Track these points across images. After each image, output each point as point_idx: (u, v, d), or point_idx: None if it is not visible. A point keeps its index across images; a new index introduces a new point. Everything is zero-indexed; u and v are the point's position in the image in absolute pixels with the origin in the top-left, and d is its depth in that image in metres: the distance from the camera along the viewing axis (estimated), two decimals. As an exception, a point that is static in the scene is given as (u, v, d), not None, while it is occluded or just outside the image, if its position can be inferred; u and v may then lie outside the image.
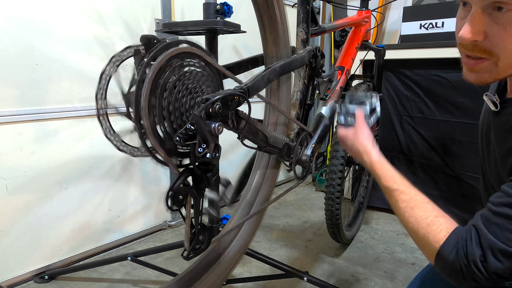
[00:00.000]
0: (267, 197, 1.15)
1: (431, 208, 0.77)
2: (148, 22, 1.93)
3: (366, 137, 1.04)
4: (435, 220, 0.73)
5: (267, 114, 1.18)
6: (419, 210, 0.77)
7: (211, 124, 0.66)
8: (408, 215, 0.78)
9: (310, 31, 1.30)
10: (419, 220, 0.75)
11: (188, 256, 0.73)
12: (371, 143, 1.02)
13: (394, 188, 0.85)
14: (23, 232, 1.59)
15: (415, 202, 0.79)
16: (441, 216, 0.75)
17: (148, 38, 0.69)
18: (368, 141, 1.02)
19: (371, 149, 1.00)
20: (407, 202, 0.80)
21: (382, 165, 0.93)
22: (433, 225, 0.73)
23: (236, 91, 0.76)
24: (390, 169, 0.91)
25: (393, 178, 0.87)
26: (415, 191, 0.82)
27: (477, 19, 0.68)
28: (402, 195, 0.82)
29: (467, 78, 0.78)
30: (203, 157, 0.65)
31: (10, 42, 1.45)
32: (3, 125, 1.48)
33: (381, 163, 0.94)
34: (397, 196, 0.83)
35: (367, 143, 1.02)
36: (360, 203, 2.29)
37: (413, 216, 0.77)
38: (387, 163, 0.94)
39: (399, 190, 0.84)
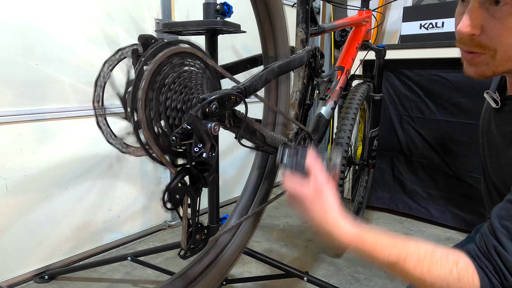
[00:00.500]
0: (266, 196, 1.15)
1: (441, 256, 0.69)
2: (148, 22, 1.93)
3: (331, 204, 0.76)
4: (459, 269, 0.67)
5: (265, 114, 1.18)
6: (437, 267, 0.68)
7: (207, 124, 0.67)
8: (430, 280, 0.68)
9: (309, 31, 1.30)
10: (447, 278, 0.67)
11: (185, 255, 0.73)
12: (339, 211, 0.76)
13: (394, 259, 0.70)
14: (23, 232, 1.59)
15: (425, 261, 0.69)
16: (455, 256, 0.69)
17: (146, 38, 0.69)
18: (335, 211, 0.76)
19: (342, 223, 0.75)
20: (419, 266, 0.69)
21: (363, 240, 0.74)
22: (462, 277, 0.67)
23: (233, 91, 0.76)
24: (373, 238, 0.74)
25: (385, 248, 0.72)
26: (413, 247, 0.71)
27: (474, 13, 0.69)
28: (408, 263, 0.69)
29: (467, 72, 0.78)
30: (200, 157, 0.65)
31: (10, 42, 1.45)
32: (3, 125, 1.48)
33: (360, 236, 0.74)
34: (404, 267, 0.70)
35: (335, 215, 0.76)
36: (360, 203, 2.29)
37: (435, 277, 0.68)
38: (366, 231, 0.75)
39: (401, 258, 0.70)
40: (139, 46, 0.72)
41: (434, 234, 2.22)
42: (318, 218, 0.75)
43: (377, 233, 0.74)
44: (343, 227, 0.74)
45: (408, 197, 2.43)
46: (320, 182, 0.77)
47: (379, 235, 0.73)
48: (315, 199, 0.76)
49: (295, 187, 0.78)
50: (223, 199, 2.46)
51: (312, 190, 0.76)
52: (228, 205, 2.60)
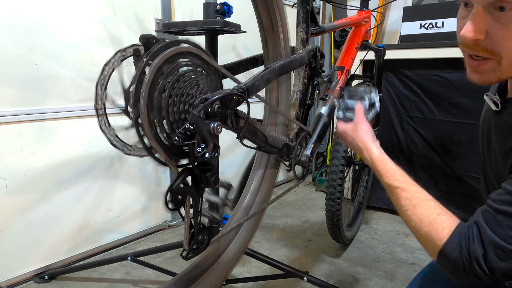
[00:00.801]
0: (267, 197, 1.15)
1: (433, 206, 0.77)
2: (148, 22, 1.93)
3: (366, 132, 1.03)
4: (437, 218, 0.74)
5: (266, 114, 1.18)
6: (421, 208, 0.77)
7: (210, 123, 0.66)
8: (410, 213, 0.78)
9: (309, 31, 1.29)
10: (422, 218, 0.76)
11: (187, 256, 0.73)
12: (371, 138, 1.01)
13: (396, 185, 0.85)
14: (23, 232, 1.59)
15: (417, 200, 0.79)
16: (443, 213, 0.75)
17: (147, 38, 0.69)
18: (368, 137, 1.01)
19: (371, 145, 0.99)
20: (409, 200, 0.80)
21: (383, 162, 0.93)
22: (435, 223, 0.73)
23: (235, 91, 0.76)
24: (391, 166, 0.91)
25: (395, 175, 0.87)
26: (417, 189, 0.82)
27: (479, 18, 0.68)
28: (404, 193, 0.82)
29: (471, 79, 0.78)
30: (202, 157, 0.65)
31: (10, 42, 1.45)
32: (3, 125, 1.48)
33: (382, 159, 0.94)
34: (399, 194, 0.83)
35: (367, 139, 1.00)
36: (360, 203, 2.29)
37: (415, 214, 0.77)
38: (389, 160, 0.93)
39: (401, 187, 0.83)
40: (140, 46, 0.72)
41: (434, 234, 2.22)
42: (356, 138, 1.03)
43: (395, 165, 0.91)
44: (373, 147, 0.98)
45: (408, 197, 2.42)
46: (359, 119, 1.08)
47: (397, 166, 0.91)
48: (355, 128, 1.05)
49: (343, 125, 1.09)
50: (223, 199, 2.45)
51: (353, 125, 1.07)
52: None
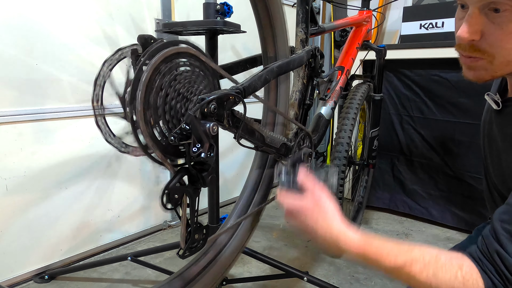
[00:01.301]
0: (265, 196, 1.15)
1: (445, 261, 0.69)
2: (148, 22, 1.94)
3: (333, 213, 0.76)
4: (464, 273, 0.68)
5: (265, 114, 1.18)
6: (442, 272, 0.69)
7: (205, 124, 0.67)
8: (436, 284, 0.69)
9: (309, 31, 1.30)
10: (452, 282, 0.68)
11: (184, 254, 0.74)
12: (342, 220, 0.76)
13: (400, 264, 0.71)
14: (23, 232, 1.59)
15: (431, 265, 0.69)
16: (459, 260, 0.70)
17: (145, 38, 0.70)
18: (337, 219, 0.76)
19: (346, 231, 0.75)
20: (425, 271, 0.69)
21: (369, 245, 0.74)
22: (467, 280, 0.67)
23: (232, 91, 0.76)
24: (379, 244, 0.74)
25: (391, 253, 0.72)
26: (419, 251, 0.71)
27: (474, 19, 0.69)
28: (414, 267, 0.70)
29: (466, 76, 0.79)
30: (198, 157, 0.65)
31: (10, 42, 1.46)
32: (3, 125, 1.48)
33: (366, 243, 0.74)
34: (410, 271, 0.70)
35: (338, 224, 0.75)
36: (360, 203, 2.29)
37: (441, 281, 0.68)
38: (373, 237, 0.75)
39: (407, 262, 0.70)
40: (139, 46, 0.72)
41: (434, 234, 2.22)
42: (322, 228, 0.75)
43: (382, 239, 0.74)
44: (349, 235, 0.74)
45: (408, 197, 2.43)
46: (318, 192, 0.78)
47: (384, 241, 0.73)
48: (315, 209, 0.75)
49: (293, 202, 0.77)
50: (223, 199, 2.46)
51: (310, 201, 0.76)
52: (228, 205, 2.60)
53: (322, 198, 0.77)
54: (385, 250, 0.72)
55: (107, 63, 0.74)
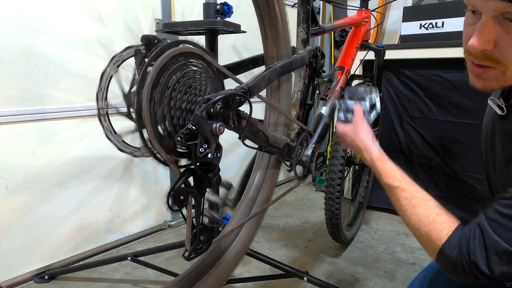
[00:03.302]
0: (268, 197, 1.15)
1: (432, 206, 0.78)
2: (148, 22, 1.93)
3: (365, 133, 1.02)
4: (437, 218, 0.75)
5: (267, 114, 1.18)
6: (421, 208, 0.78)
7: (212, 124, 0.66)
8: (410, 213, 0.79)
9: (310, 31, 1.30)
10: (421, 218, 0.76)
11: (189, 256, 0.73)
12: (371, 139, 1.01)
13: (395, 185, 0.85)
14: (23, 232, 1.59)
15: (417, 199, 0.80)
16: (443, 214, 0.76)
17: (149, 38, 0.69)
18: (367, 137, 1.01)
19: (371, 145, 0.98)
20: (408, 199, 0.81)
21: (383, 162, 0.93)
22: (435, 223, 0.74)
23: (237, 91, 0.75)
24: (391, 166, 0.91)
25: (394, 175, 0.88)
26: (416, 189, 0.82)
27: (488, 28, 0.67)
28: (403, 193, 0.83)
29: (474, 84, 0.77)
30: (205, 157, 0.65)
31: (10, 42, 1.45)
32: (3, 125, 1.47)
33: (382, 159, 0.94)
34: (399, 194, 0.83)
35: (367, 140, 1.00)
36: (360, 203, 2.29)
37: (415, 214, 0.78)
38: (388, 160, 0.94)
39: (400, 187, 0.84)
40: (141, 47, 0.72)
41: (433, 234, 2.22)
42: (355, 138, 1.03)
43: (395, 165, 0.92)
44: (372, 147, 0.98)
45: (408, 197, 2.42)
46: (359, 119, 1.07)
47: (396, 166, 0.91)
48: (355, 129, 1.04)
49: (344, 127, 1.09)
50: (222, 199, 2.45)
51: (354, 126, 1.06)
52: (230, 207, 2.59)
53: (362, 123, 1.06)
54: (393, 169, 0.90)
55: (114, 60, 0.74)
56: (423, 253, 1.97)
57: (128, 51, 0.73)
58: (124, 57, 0.73)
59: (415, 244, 2.08)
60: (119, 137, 0.80)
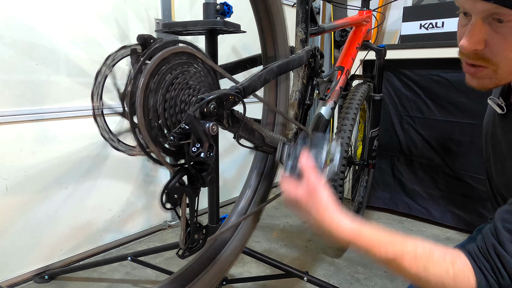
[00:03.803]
0: (265, 196, 1.15)
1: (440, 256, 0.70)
2: (148, 22, 1.94)
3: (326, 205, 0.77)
4: (456, 270, 0.68)
5: (265, 114, 1.18)
6: (433, 266, 0.69)
7: (205, 123, 0.67)
8: (425, 278, 0.69)
9: (309, 31, 1.30)
10: (443, 279, 0.68)
11: (183, 254, 0.74)
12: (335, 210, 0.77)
13: (391, 257, 0.71)
14: (23, 232, 1.59)
15: (422, 259, 0.70)
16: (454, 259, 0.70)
17: (144, 38, 0.70)
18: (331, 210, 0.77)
19: (339, 219, 0.76)
20: (415, 265, 0.70)
21: (361, 235, 0.75)
22: (458, 276, 0.68)
23: (231, 90, 0.76)
24: (371, 234, 0.74)
25: (382, 246, 0.73)
26: (411, 245, 0.72)
27: (477, 28, 0.69)
28: (404, 262, 0.70)
29: (470, 84, 0.79)
30: (198, 157, 0.65)
31: (10, 42, 1.46)
32: (3, 125, 1.48)
33: (359, 234, 0.75)
34: (400, 265, 0.71)
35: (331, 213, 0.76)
36: (360, 203, 2.29)
37: (431, 276, 0.69)
38: (365, 228, 0.75)
39: (398, 256, 0.71)
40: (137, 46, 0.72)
41: (434, 234, 2.22)
42: (315, 218, 0.77)
43: (376, 229, 0.75)
44: (341, 223, 0.75)
45: (408, 197, 2.43)
46: (313, 182, 0.78)
47: (378, 231, 0.74)
48: (309, 199, 0.77)
49: (290, 189, 0.80)
50: (223, 199, 2.46)
51: (305, 191, 0.78)
52: (228, 205, 2.60)
53: (317, 188, 0.78)
54: (377, 240, 0.73)
55: (109, 59, 0.74)
56: (423, 253, 1.97)
57: (123, 51, 0.73)
58: (118, 57, 0.74)
59: (415, 244, 2.07)
60: (115, 136, 0.80)
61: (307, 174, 0.80)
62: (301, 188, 0.79)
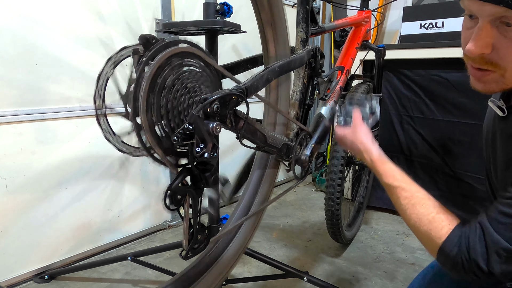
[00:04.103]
0: (266, 197, 1.15)
1: (432, 205, 0.78)
2: (148, 22, 1.93)
3: (364, 134, 1.03)
4: (436, 217, 0.75)
5: (266, 114, 1.18)
6: (421, 206, 0.79)
7: (209, 123, 0.66)
8: (409, 212, 0.80)
9: (309, 31, 1.30)
10: (421, 217, 0.77)
11: (187, 255, 0.73)
12: (371, 140, 1.01)
13: (395, 185, 0.86)
14: (23, 232, 1.59)
15: (416, 199, 0.81)
16: (442, 212, 0.77)
17: (146, 38, 0.69)
18: (367, 138, 1.02)
19: (371, 146, 0.99)
20: (408, 199, 0.82)
21: (382, 162, 0.94)
22: (434, 221, 0.75)
23: (234, 90, 0.76)
24: (391, 166, 0.92)
25: (394, 175, 0.88)
26: (416, 188, 0.83)
27: (485, 32, 0.67)
28: (403, 192, 0.83)
29: (475, 87, 0.78)
30: (201, 157, 0.65)
31: (10, 41, 1.45)
32: (3, 125, 1.48)
33: (382, 160, 0.95)
34: (398, 193, 0.84)
35: (366, 141, 1.01)
36: (360, 203, 2.29)
37: (414, 213, 0.79)
38: (388, 160, 0.94)
39: (400, 187, 0.85)
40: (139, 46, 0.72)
41: (434, 234, 2.22)
42: (357, 141, 1.02)
43: (395, 165, 0.92)
44: (372, 148, 0.98)
45: (408, 197, 2.42)
46: (358, 122, 1.07)
47: (395, 166, 0.91)
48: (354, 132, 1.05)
49: (343, 130, 1.08)
50: (223, 199, 2.45)
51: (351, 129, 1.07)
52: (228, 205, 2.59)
53: (360, 125, 1.06)
54: (392, 169, 0.90)
55: (111, 61, 0.74)
56: (423, 253, 1.97)
57: (124, 51, 0.73)
58: (120, 58, 0.74)
59: (415, 244, 2.07)
60: (118, 137, 0.80)
61: (355, 119, 1.08)
62: (349, 128, 1.07)
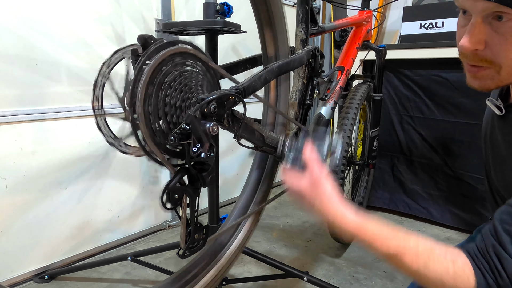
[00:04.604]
0: (265, 196, 1.15)
1: (442, 255, 0.70)
2: (148, 22, 1.94)
3: (330, 196, 0.77)
4: (456, 268, 0.68)
5: (265, 114, 1.18)
6: (434, 264, 0.69)
7: (205, 124, 0.67)
8: (426, 275, 0.70)
9: (309, 31, 1.30)
10: (442, 277, 0.68)
11: (184, 254, 0.74)
12: (340, 202, 0.77)
13: (393, 252, 0.72)
14: (23, 232, 1.59)
15: (423, 257, 0.70)
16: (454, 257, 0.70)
17: (145, 38, 0.70)
18: (334, 201, 0.77)
19: (343, 211, 0.76)
20: (416, 261, 0.70)
21: (364, 229, 0.75)
22: (457, 275, 0.68)
23: (232, 91, 0.76)
24: (374, 228, 0.74)
25: (384, 240, 0.73)
26: (413, 242, 0.72)
27: (477, 28, 0.68)
28: (406, 257, 0.71)
29: (471, 84, 0.77)
30: (198, 157, 0.65)
31: (10, 41, 1.45)
32: (3, 125, 1.48)
33: (362, 226, 0.75)
34: (401, 260, 0.71)
35: (335, 204, 0.77)
36: (360, 203, 2.29)
37: (431, 273, 0.69)
38: (368, 221, 0.76)
39: (399, 252, 0.71)
40: (138, 46, 0.72)
41: (434, 234, 2.22)
42: (319, 209, 0.77)
43: (379, 223, 0.74)
44: (345, 215, 0.76)
45: (408, 197, 2.43)
46: (316, 174, 0.79)
47: (381, 226, 0.74)
48: (313, 191, 0.78)
49: (293, 182, 0.81)
50: (223, 199, 2.45)
51: (309, 183, 0.78)
52: (228, 205, 2.60)
53: (321, 179, 0.78)
54: (380, 235, 0.73)
55: (106, 64, 0.74)
56: (423, 253, 1.97)
57: (117, 55, 0.73)
58: (113, 62, 0.74)
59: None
60: (120, 140, 0.81)
61: (310, 165, 0.80)
62: (305, 180, 0.79)
